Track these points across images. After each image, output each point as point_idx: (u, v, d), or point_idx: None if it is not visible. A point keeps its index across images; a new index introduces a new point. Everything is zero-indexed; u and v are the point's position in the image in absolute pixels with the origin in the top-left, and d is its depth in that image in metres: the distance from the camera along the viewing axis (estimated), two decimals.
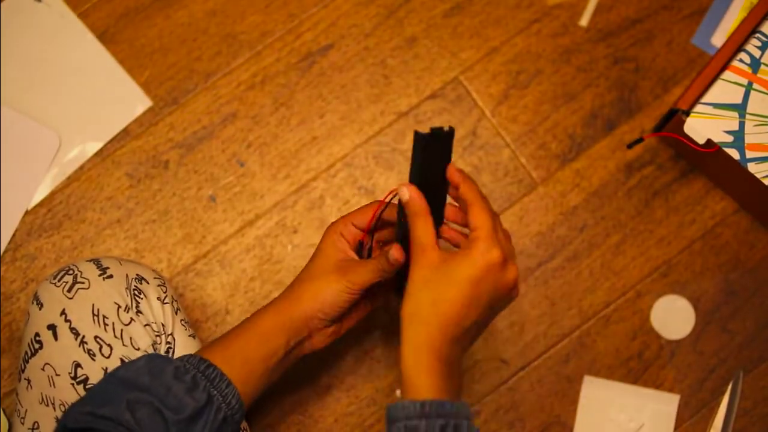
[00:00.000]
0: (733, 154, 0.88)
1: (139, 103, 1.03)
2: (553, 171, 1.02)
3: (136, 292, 0.79)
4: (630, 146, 0.96)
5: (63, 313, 0.76)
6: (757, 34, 0.91)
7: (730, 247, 1.00)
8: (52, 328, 0.76)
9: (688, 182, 1.02)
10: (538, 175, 1.02)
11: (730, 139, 0.89)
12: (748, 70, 0.90)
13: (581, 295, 1.00)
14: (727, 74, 0.90)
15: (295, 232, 1.01)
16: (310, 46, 1.05)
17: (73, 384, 0.75)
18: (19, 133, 1.01)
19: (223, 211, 1.01)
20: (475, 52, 1.04)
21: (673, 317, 0.99)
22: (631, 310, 0.99)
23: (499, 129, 1.03)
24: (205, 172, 1.02)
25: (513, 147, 1.02)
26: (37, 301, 0.78)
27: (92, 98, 1.03)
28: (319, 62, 1.04)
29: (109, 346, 0.76)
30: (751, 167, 0.88)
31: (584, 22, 1.05)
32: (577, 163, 1.02)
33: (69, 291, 0.77)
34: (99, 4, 1.05)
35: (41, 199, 1.01)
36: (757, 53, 0.90)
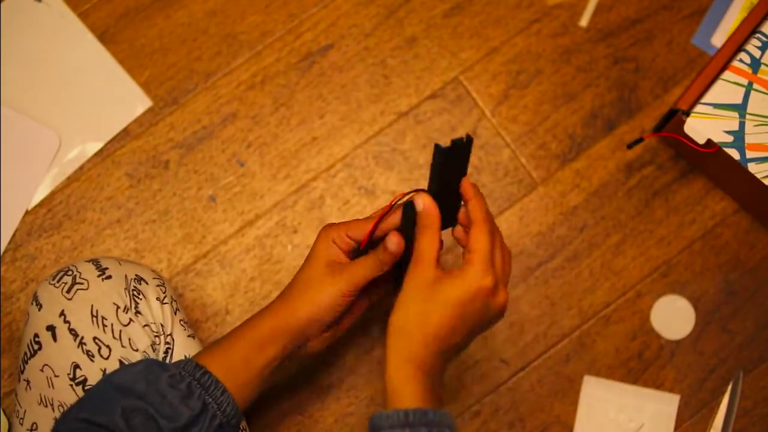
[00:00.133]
0: (733, 154, 0.88)
1: (139, 103, 1.03)
2: (553, 171, 1.02)
3: (135, 293, 0.79)
4: (630, 146, 0.96)
5: (62, 314, 0.76)
6: (758, 34, 0.91)
7: (730, 247, 1.00)
8: (51, 329, 0.76)
9: (688, 182, 1.02)
10: (538, 175, 1.02)
11: (730, 139, 0.88)
12: (748, 70, 0.90)
13: (581, 295, 1.00)
14: (727, 74, 0.90)
15: (295, 232, 1.01)
16: (310, 46, 1.04)
17: (71, 385, 0.75)
18: (19, 133, 1.01)
19: (223, 211, 1.01)
20: (475, 52, 1.04)
21: (673, 317, 0.99)
22: (631, 310, 0.99)
23: (499, 129, 1.03)
24: (205, 172, 1.02)
25: (513, 147, 1.02)
26: (37, 302, 0.78)
27: (92, 98, 1.03)
28: (319, 62, 1.04)
29: (108, 347, 0.76)
30: (751, 167, 0.88)
31: (584, 22, 1.05)
32: (577, 163, 1.02)
33: (68, 292, 0.77)
34: (99, 4, 1.05)
35: (41, 199, 1.01)
36: (757, 53, 0.90)
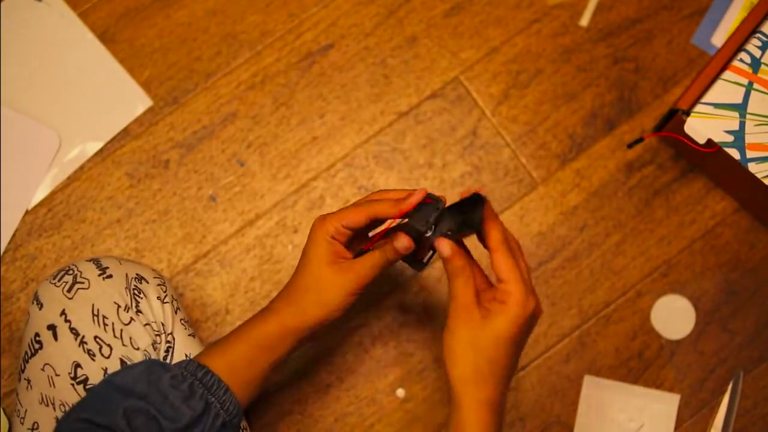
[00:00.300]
0: (734, 153, 0.88)
1: (140, 103, 1.03)
2: (554, 171, 1.02)
3: (136, 292, 0.79)
4: (630, 146, 0.96)
5: (63, 313, 0.76)
6: (758, 34, 0.91)
7: (730, 246, 1.00)
8: (52, 328, 0.76)
9: (689, 182, 1.02)
10: (538, 175, 1.02)
11: (731, 138, 0.88)
12: (749, 70, 0.90)
13: (581, 294, 1.00)
14: (728, 74, 0.90)
15: (296, 231, 1.01)
16: (311, 46, 1.04)
17: (72, 384, 0.75)
18: (19, 133, 1.01)
19: (224, 211, 1.01)
20: (476, 52, 1.04)
21: (674, 317, 0.99)
22: (632, 310, 0.99)
23: (500, 129, 1.03)
24: (205, 172, 1.02)
25: (513, 147, 1.02)
26: (37, 301, 0.78)
27: (92, 98, 1.03)
28: (320, 62, 1.04)
29: (109, 346, 0.76)
30: (752, 167, 0.88)
31: (584, 22, 1.05)
32: (577, 163, 1.02)
33: (69, 291, 0.77)
34: (99, 3, 1.05)
35: (41, 199, 1.01)
36: (757, 53, 0.90)
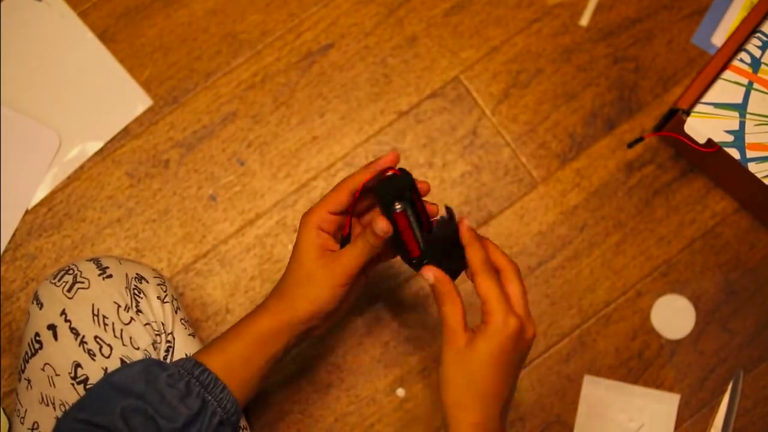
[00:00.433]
0: (734, 153, 0.88)
1: (140, 103, 1.03)
2: (554, 170, 1.02)
3: (136, 292, 0.79)
4: (630, 146, 0.96)
5: (63, 313, 0.76)
6: (758, 34, 0.91)
7: (730, 246, 1.00)
8: (52, 328, 0.76)
9: (689, 182, 1.02)
10: (538, 175, 1.02)
11: (731, 138, 0.88)
12: (749, 70, 0.90)
13: (581, 294, 1.00)
14: (728, 74, 0.90)
15: (296, 231, 1.00)
16: (311, 46, 1.04)
17: (73, 384, 0.75)
18: (19, 133, 1.01)
19: (224, 211, 1.01)
20: (476, 52, 1.04)
21: (674, 317, 0.99)
22: (632, 310, 0.99)
23: (500, 128, 1.03)
24: (205, 172, 1.02)
25: (513, 146, 1.02)
26: (37, 301, 0.78)
27: (92, 98, 1.03)
28: (320, 61, 1.04)
29: (109, 346, 0.76)
30: (752, 167, 0.88)
31: (584, 22, 1.05)
32: (577, 163, 1.02)
33: (69, 291, 0.77)
34: (99, 3, 1.05)
35: (41, 199, 1.01)
36: (757, 53, 0.90)
